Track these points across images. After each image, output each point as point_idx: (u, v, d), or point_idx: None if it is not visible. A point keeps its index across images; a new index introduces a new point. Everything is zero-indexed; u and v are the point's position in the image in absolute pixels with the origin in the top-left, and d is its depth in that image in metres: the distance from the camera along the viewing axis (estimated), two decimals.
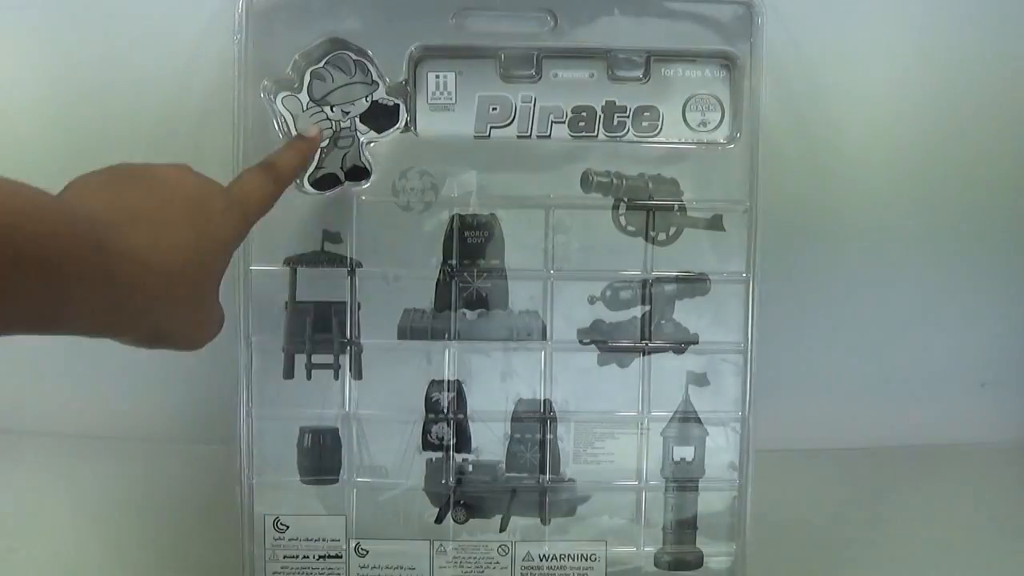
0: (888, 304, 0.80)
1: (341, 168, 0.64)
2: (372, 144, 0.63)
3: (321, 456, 0.64)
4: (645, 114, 0.64)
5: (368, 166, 0.64)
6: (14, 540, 0.71)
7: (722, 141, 0.65)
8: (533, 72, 0.64)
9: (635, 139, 0.65)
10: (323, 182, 0.64)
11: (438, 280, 0.64)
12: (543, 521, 0.65)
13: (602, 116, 0.64)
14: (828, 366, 0.80)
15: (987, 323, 0.81)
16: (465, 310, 0.64)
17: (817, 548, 0.72)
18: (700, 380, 0.65)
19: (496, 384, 0.64)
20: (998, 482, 0.80)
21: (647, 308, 0.65)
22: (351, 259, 0.63)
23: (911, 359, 0.81)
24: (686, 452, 0.65)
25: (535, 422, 0.65)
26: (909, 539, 0.72)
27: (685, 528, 0.66)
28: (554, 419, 0.65)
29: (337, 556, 0.65)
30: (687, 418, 0.65)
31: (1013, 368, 0.82)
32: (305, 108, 0.64)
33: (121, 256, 0.41)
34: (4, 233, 0.34)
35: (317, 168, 0.64)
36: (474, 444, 0.65)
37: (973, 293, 0.81)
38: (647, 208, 0.64)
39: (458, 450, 0.65)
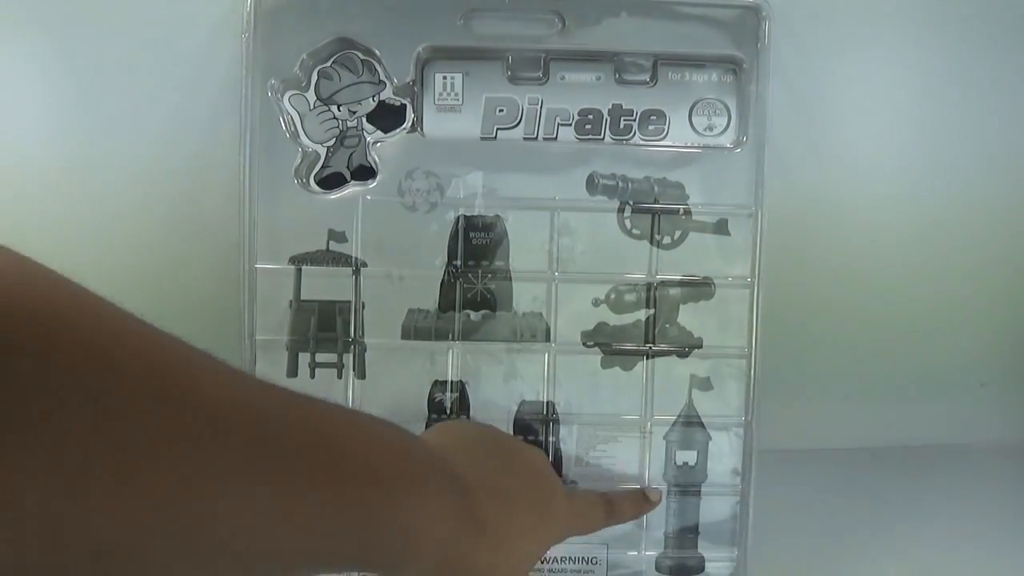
0: (889, 304, 0.80)
1: (347, 167, 0.64)
2: (378, 144, 0.63)
3: None
4: (651, 118, 0.64)
5: (374, 166, 0.64)
6: None
7: (728, 145, 0.65)
8: (540, 74, 0.64)
9: (641, 143, 0.65)
10: (329, 181, 0.64)
11: (443, 281, 0.64)
12: None
13: (609, 119, 0.64)
14: (829, 366, 0.80)
15: (987, 323, 0.81)
16: (469, 311, 0.64)
17: (817, 548, 0.72)
18: (704, 384, 0.65)
19: (499, 385, 0.64)
20: (998, 482, 0.80)
21: (651, 311, 0.65)
22: (356, 259, 0.63)
23: (911, 359, 0.81)
24: (689, 456, 0.65)
25: (538, 424, 0.65)
26: (909, 539, 0.72)
27: (687, 533, 0.66)
28: (557, 421, 0.65)
29: None
30: (690, 422, 0.65)
31: (1013, 368, 0.82)
32: (312, 107, 0.64)
33: (471, 520, 0.44)
34: (385, 472, 0.39)
35: (323, 167, 0.64)
36: None
37: (973, 293, 0.81)
38: (652, 211, 0.64)
39: None
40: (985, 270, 0.80)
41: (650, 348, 0.65)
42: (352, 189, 0.63)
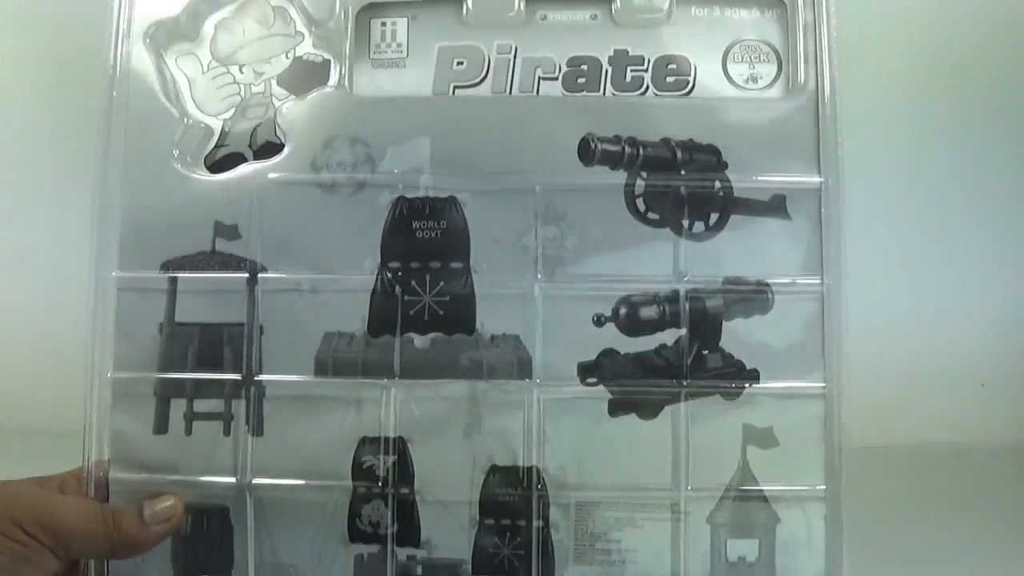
0: (889, 304, 0.77)
1: (250, 146, 0.47)
2: (288, 103, 0.46)
3: (204, 548, 0.45)
4: (670, 67, 0.47)
5: (284, 140, 0.46)
6: None
7: (778, 97, 0.46)
8: (513, 14, 0.48)
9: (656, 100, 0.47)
10: (225, 165, 0.47)
11: (374, 290, 0.46)
12: None
13: (610, 70, 0.47)
14: None
15: (987, 323, 0.80)
16: (413, 335, 0.45)
17: None
18: (764, 438, 0.45)
19: (457, 444, 0.45)
20: (998, 482, 0.78)
21: (681, 332, 0.45)
22: (252, 262, 0.46)
23: (911, 359, 0.79)
24: (747, 548, 0.45)
25: (516, 501, 0.44)
26: (909, 539, 0.67)
27: None
28: (545, 498, 0.45)
29: None
30: (747, 496, 0.45)
31: (1013, 368, 0.81)
32: (207, 69, 0.48)
33: None
34: None
35: (218, 147, 0.47)
36: (424, 534, 0.45)
37: (973, 293, 0.80)
38: (676, 187, 0.45)
39: (401, 542, 0.45)
40: (985, 270, 0.79)
41: (682, 386, 0.45)
42: (249, 166, 0.46)
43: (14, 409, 0.66)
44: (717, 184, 0.45)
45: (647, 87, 0.47)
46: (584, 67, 0.47)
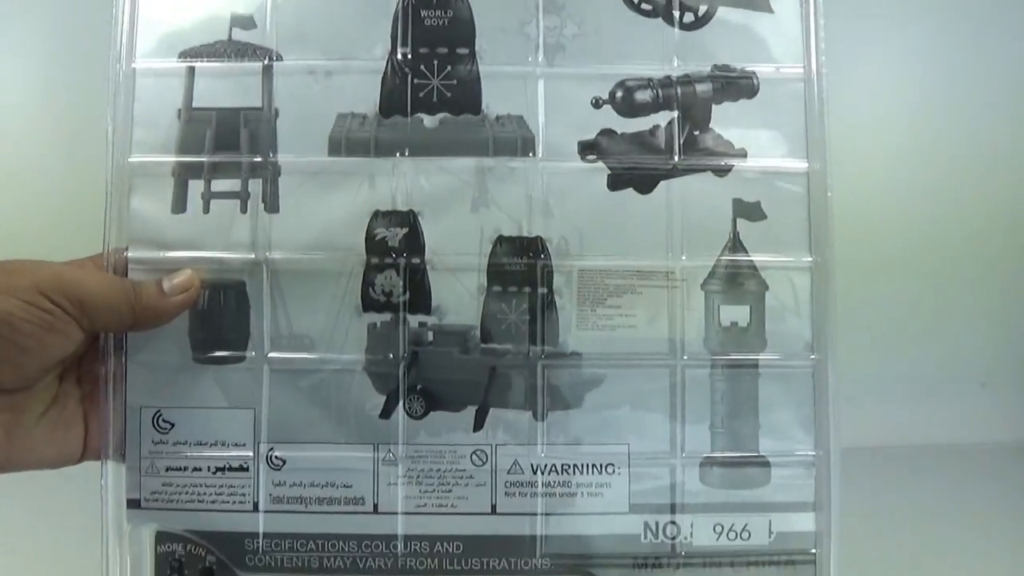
0: (889, 305, 0.81)
1: None
2: None
3: (221, 322, 0.46)
4: None
5: None
6: (14, 539, 0.67)
7: None
8: None
9: None
10: None
11: (385, 74, 0.47)
12: (536, 415, 0.46)
13: None
14: None
15: (987, 323, 0.83)
16: (422, 114, 0.47)
17: None
18: (752, 211, 0.47)
19: (465, 217, 0.47)
20: (998, 482, 0.80)
21: (674, 114, 0.47)
22: (267, 50, 0.47)
23: (912, 359, 0.83)
24: (738, 314, 0.47)
25: (521, 270, 0.46)
26: (909, 539, 0.69)
27: (741, 426, 0.46)
28: (549, 267, 0.46)
29: (242, 468, 0.45)
30: (737, 266, 0.47)
31: (1013, 368, 0.84)
32: None
33: None
34: None
35: None
36: (435, 301, 0.46)
37: (973, 293, 0.83)
38: None
39: (412, 310, 0.46)
40: (985, 270, 0.82)
41: (675, 163, 0.47)
42: None
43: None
44: None
45: None
46: None
